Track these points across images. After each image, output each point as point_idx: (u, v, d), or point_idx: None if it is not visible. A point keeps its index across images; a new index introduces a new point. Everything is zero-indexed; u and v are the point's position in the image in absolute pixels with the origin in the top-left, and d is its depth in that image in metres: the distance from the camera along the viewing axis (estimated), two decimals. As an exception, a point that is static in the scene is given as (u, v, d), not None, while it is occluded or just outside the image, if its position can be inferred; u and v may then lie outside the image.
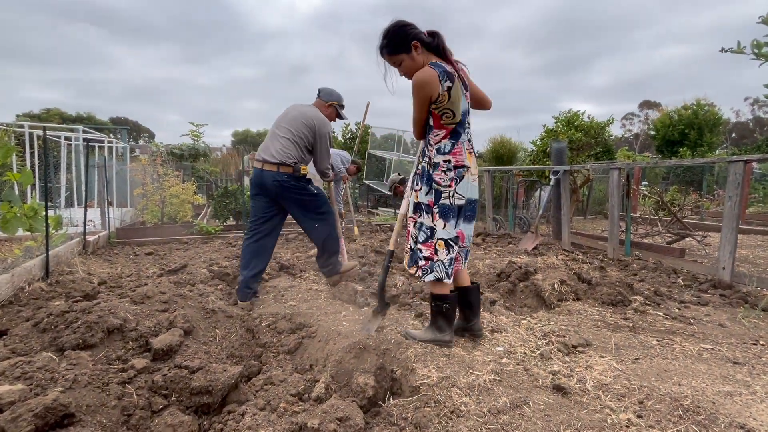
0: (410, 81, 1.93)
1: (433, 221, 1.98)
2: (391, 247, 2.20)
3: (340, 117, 3.29)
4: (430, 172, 1.96)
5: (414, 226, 2.08)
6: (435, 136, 1.94)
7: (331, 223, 3.16)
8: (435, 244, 1.97)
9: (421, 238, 2.01)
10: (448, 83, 1.85)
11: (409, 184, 2.20)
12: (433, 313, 2.09)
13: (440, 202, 1.95)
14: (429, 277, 2.00)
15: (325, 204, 3.14)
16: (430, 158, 1.96)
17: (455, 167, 1.94)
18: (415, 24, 1.91)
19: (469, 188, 1.98)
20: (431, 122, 1.94)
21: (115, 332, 1.92)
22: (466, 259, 2.16)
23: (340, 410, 1.43)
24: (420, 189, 2.00)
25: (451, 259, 1.99)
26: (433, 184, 1.95)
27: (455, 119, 1.91)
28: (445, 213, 1.95)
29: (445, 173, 1.93)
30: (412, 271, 2.08)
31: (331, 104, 3.21)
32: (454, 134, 1.94)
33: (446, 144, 1.93)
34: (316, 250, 3.54)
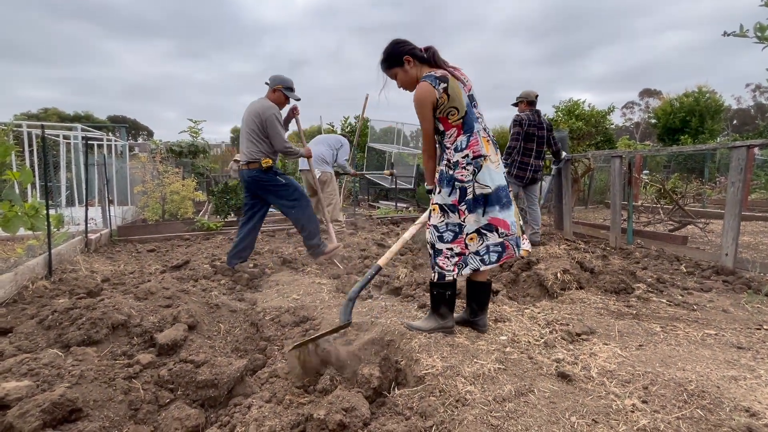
0: (408, 92, 2.11)
1: (461, 218, 2.00)
2: (382, 263, 2.09)
3: (293, 98, 3.62)
4: (451, 173, 1.99)
5: (429, 232, 2.10)
6: (449, 137, 1.99)
7: (304, 205, 3.61)
8: (465, 239, 2.01)
9: (449, 237, 2.02)
10: (442, 85, 1.93)
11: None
12: (434, 301, 2.10)
13: (466, 198, 1.98)
14: (466, 271, 2.03)
15: (295, 191, 3.59)
16: (449, 160, 1.99)
17: (474, 159, 1.96)
18: (410, 41, 2.08)
19: (493, 175, 1.98)
20: (441, 127, 2.00)
21: (120, 328, 1.92)
22: (518, 246, 2.07)
23: (345, 401, 1.44)
24: (439, 192, 2.03)
25: (487, 246, 2.01)
26: (456, 183, 1.98)
27: (461, 114, 1.96)
28: (472, 207, 1.99)
29: (465, 169, 1.97)
30: (434, 278, 2.08)
31: (276, 88, 3.53)
32: (467, 128, 1.97)
33: (462, 140, 1.97)
34: (339, 243, 3.97)
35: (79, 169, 6.66)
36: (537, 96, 4.73)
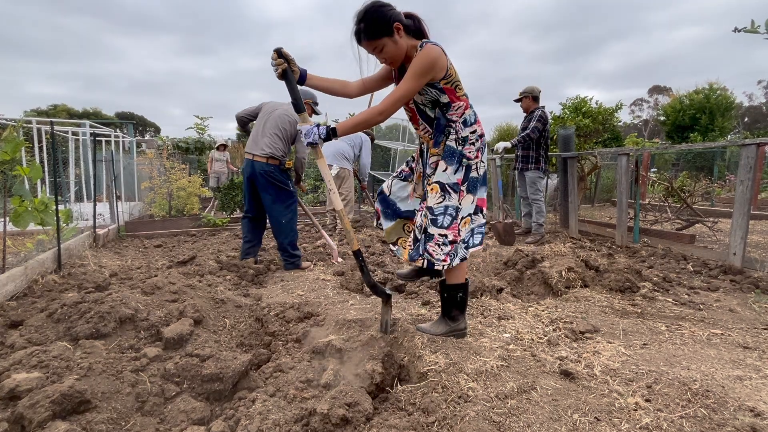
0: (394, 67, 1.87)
1: (459, 200, 1.88)
2: (354, 247, 1.95)
3: (315, 113, 3.73)
4: (460, 149, 1.86)
5: (422, 215, 1.94)
6: (456, 110, 1.85)
7: (292, 217, 3.62)
8: (459, 224, 1.89)
9: (445, 223, 1.87)
10: (449, 59, 1.80)
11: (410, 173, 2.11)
12: (446, 303, 2.01)
13: (470, 176, 1.88)
14: (456, 261, 1.89)
15: (294, 203, 3.63)
16: (457, 133, 1.85)
17: (480, 136, 1.89)
18: (392, 4, 1.75)
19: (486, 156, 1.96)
20: (446, 99, 1.83)
21: (127, 322, 1.95)
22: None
23: (348, 396, 1.45)
24: (445, 170, 1.87)
25: (472, 229, 1.94)
26: (464, 160, 1.86)
27: (464, 90, 1.87)
28: (474, 186, 1.90)
29: (473, 145, 1.87)
30: (419, 263, 1.91)
31: (306, 102, 3.58)
32: (470, 105, 1.89)
33: (470, 114, 1.87)
34: (320, 240, 3.96)
35: (88, 165, 6.73)
36: (540, 91, 4.95)
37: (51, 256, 3.21)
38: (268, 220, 3.72)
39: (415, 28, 1.82)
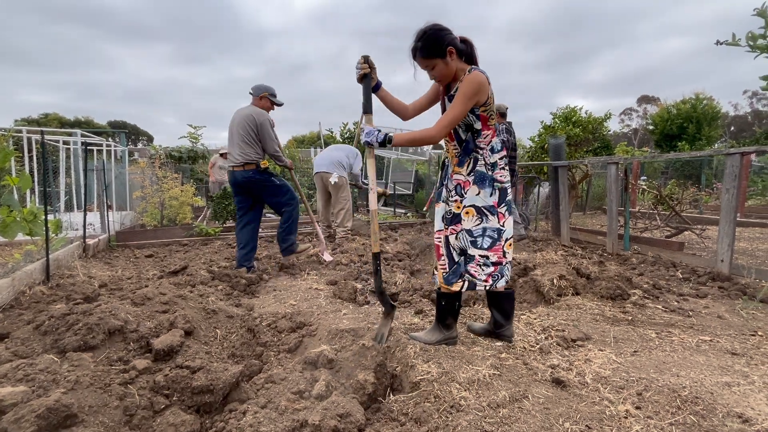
0: (439, 83, 1.99)
1: (500, 222, 1.95)
2: (375, 249, 2.03)
3: (276, 104, 3.92)
4: (491, 173, 1.95)
5: (457, 237, 1.99)
6: (484, 137, 1.95)
7: (295, 205, 3.91)
8: (503, 246, 1.96)
9: (485, 244, 1.94)
10: (491, 87, 1.92)
11: (435, 195, 2.18)
12: (441, 312, 2.04)
13: (507, 199, 1.96)
14: (501, 283, 1.97)
15: (289, 191, 3.88)
16: (485, 159, 1.95)
17: (507, 162, 2.01)
18: (450, 29, 1.88)
19: None
20: (479, 126, 1.94)
21: (116, 333, 1.93)
22: None
23: (340, 407, 1.44)
24: (478, 194, 1.95)
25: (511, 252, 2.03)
26: (496, 183, 1.95)
27: (494, 121, 1.99)
28: (509, 207, 1.98)
29: (503, 170, 1.97)
30: (457, 287, 1.96)
31: (263, 96, 3.78)
32: (497, 133, 2.00)
33: (497, 142, 1.98)
34: (313, 249, 4.08)
35: (79, 174, 6.67)
36: (507, 108, 5.39)
37: (39, 266, 3.17)
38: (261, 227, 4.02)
39: (467, 52, 1.94)
